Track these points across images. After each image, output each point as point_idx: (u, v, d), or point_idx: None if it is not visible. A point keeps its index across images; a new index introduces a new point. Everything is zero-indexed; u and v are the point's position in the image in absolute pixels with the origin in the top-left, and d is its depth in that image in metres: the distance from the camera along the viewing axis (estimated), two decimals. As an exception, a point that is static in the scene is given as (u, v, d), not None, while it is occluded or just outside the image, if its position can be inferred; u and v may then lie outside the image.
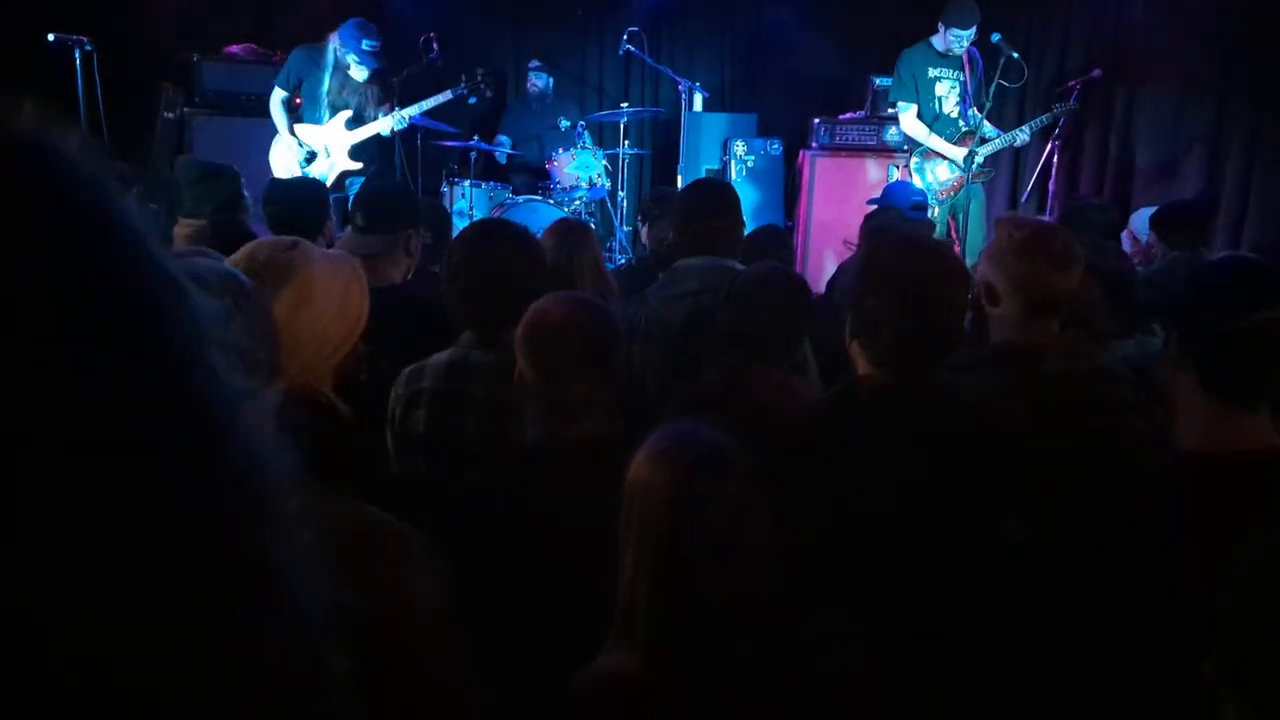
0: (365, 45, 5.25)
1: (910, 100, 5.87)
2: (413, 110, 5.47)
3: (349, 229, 3.07)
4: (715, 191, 3.10)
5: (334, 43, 5.30)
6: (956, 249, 5.44)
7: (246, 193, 3.77)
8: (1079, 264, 2.07)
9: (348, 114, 5.37)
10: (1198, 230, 3.92)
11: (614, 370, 1.86)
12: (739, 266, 2.85)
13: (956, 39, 5.72)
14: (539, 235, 3.09)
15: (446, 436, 2.22)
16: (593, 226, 6.84)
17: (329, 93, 5.34)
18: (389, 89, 5.51)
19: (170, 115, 5.98)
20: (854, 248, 3.78)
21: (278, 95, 5.41)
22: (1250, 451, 1.61)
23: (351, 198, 5.30)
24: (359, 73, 5.33)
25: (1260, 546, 1.45)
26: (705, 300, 2.74)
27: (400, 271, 3.05)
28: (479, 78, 5.68)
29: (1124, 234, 4.68)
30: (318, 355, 1.60)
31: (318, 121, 5.38)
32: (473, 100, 5.75)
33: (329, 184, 5.37)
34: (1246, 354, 1.60)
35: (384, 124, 5.40)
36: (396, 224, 2.98)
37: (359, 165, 5.46)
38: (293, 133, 5.37)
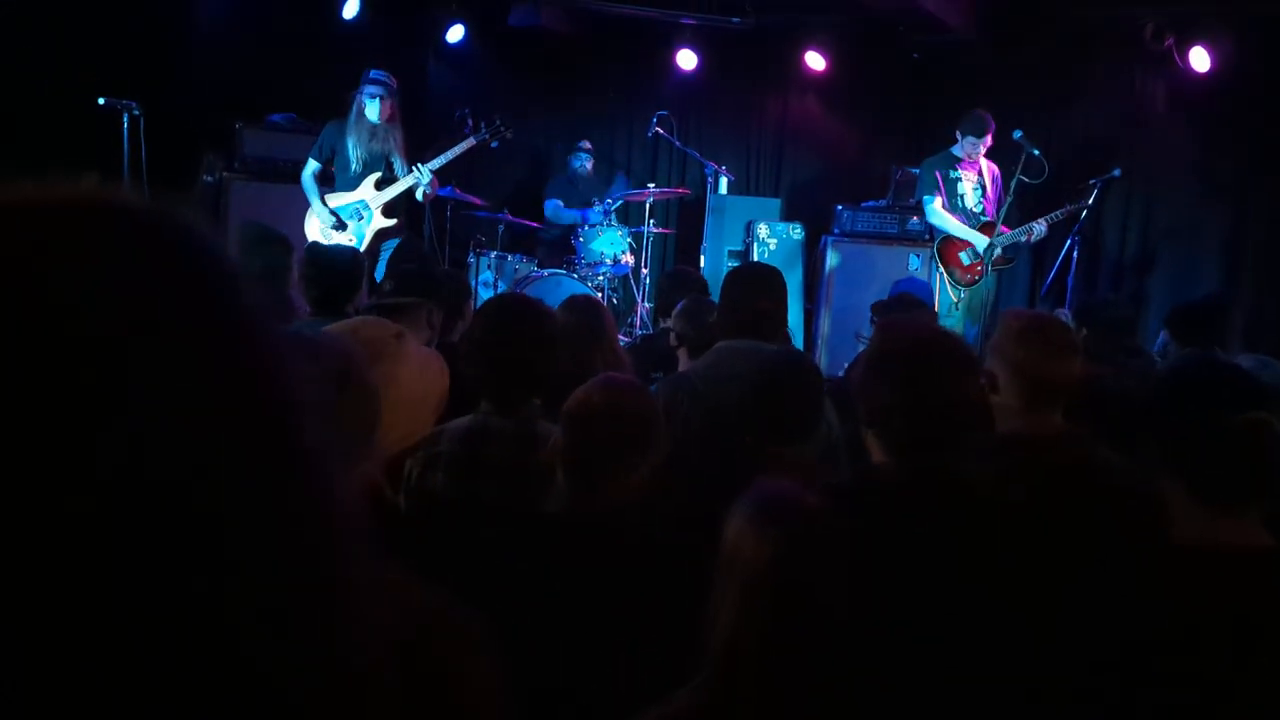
0: (373, 74, 5.47)
1: (934, 194, 6.03)
2: (436, 162, 5.60)
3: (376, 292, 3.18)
4: (762, 274, 3.17)
5: (355, 101, 5.52)
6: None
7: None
8: (1076, 353, 2.12)
9: (377, 175, 5.53)
10: (1209, 329, 3.94)
11: (650, 455, 1.91)
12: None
13: (972, 145, 5.91)
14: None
15: (464, 500, 2.26)
16: (615, 303, 6.98)
17: (358, 145, 5.50)
18: (407, 137, 5.67)
19: (210, 179, 6.15)
20: (865, 340, 3.85)
21: (310, 168, 5.60)
22: (1240, 549, 1.64)
23: (384, 261, 5.44)
24: (372, 109, 5.48)
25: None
26: (752, 384, 2.78)
27: (421, 339, 3.14)
28: (497, 123, 5.84)
29: (1163, 332, 4.70)
30: (389, 437, 1.66)
31: (350, 179, 5.54)
32: (495, 145, 5.90)
33: (365, 243, 5.51)
34: (1226, 459, 1.63)
35: (409, 180, 5.53)
36: (421, 294, 3.08)
37: (394, 221, 5.59)
38: (323, 203, 5.53)
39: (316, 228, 5.57)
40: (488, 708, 1.14)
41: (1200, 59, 6.23)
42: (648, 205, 7.20)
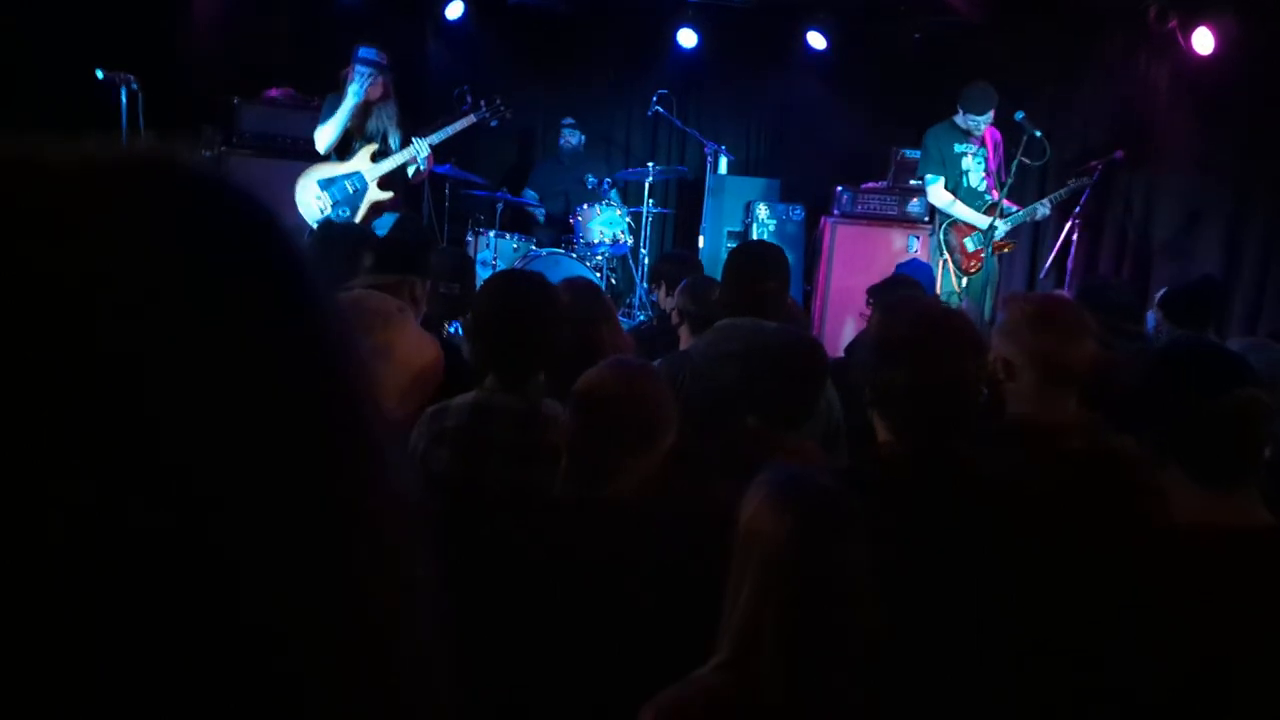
0: (361, 53, 5.40)
1: (938, 173, 5.97)
2: (435, 137, 5.55)
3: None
4: (766, 254, 3.17)
5: (345, 80, 5.44)
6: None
7: None
8: (1091, 336, 2.11)
9: (373, 147, 5.48)
10: (1202, 311, 3.95)
11: (662, 440, 1.90)
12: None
13: (974, 123, 5.85)
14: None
15: (468, 477, 2.25)
16: (614, 282, 6.96)
17: (351, 119, 5.46)
18: (402, 110, 5.62)
19: (207, 154, 6.11)
20: (868, 319, 3.86)
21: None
22: (1239, 528, 1.65)
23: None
24: (359, 88, 5.38)
25: None
26: (753, 362, 2.77)
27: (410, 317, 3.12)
28: (497, 102, 5.81)
29: (1150, 312, 4.71)
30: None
31: (346, 152, 5.51)
32: (494, 124, 5.86)
33: (360, 216, 5.46)
34: (1222, 439, 1.65)
35: (406, 154, 5.48)
36: (400, 269, 3.07)
37: (390, 195, 5.54)
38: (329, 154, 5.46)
39: (308, 196, 5.48)
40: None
41: (1203, 41, 6.20)
42: (647, 185, 7.18)
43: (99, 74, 4.88)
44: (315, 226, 3.56)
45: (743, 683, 1.41)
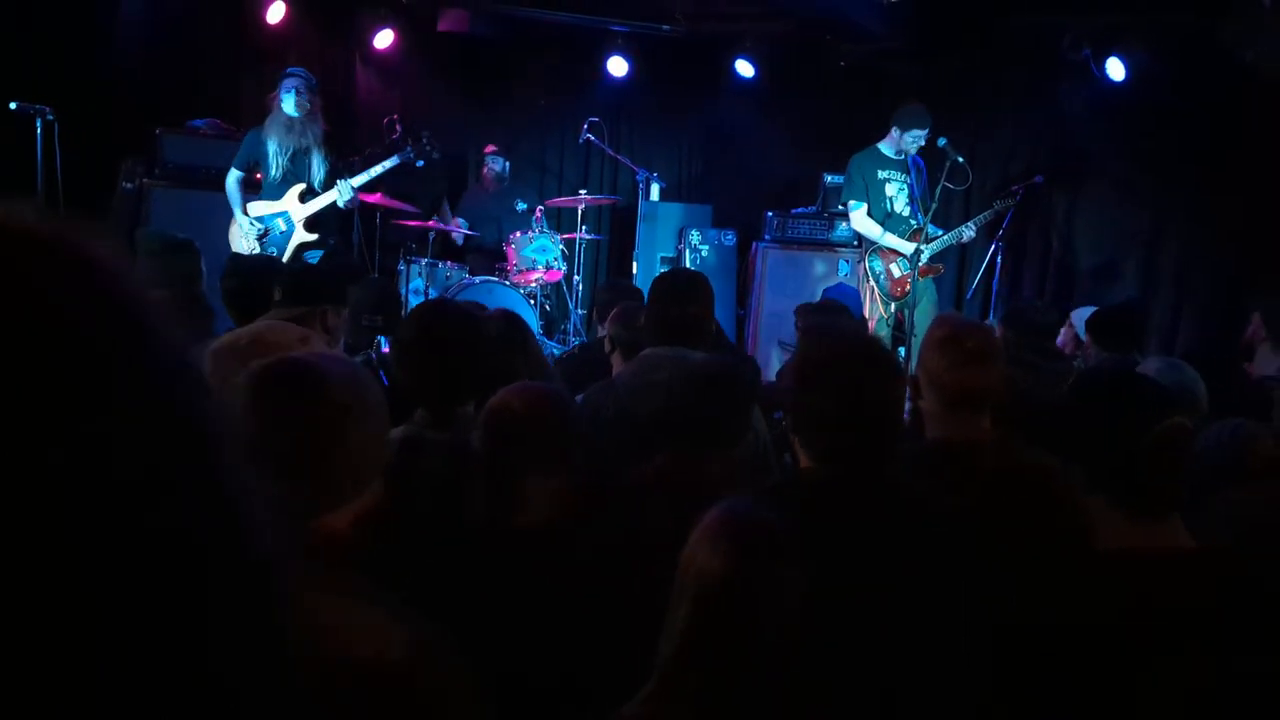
0: (289, 70, 5.46)
1: (861, 199, 6.07)
2: (359, 179, 5.54)
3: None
4: (689, 281, 3.17)
5: (273, 103, 5.48)
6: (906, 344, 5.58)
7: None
8: (994, 362, 2.14)
9: (301, 187, 5.45)
10: (1127, 334, 4.06)
11: (571, 464, 1.90)
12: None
13: (914, 139, 5.94)
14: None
15: (399, 513, 2.22)
16: (548, 309, 6.95)
17: (278, 145, 5.44)
18: (330, 139, 5.60)
19: (129, 186, 5.99)
20: (791, 349, 3.90)
21: (233, 176, 5.54)
22: (1160, 551, 1.68)
23: None
24: (289, 102, 5.42)
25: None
26: (676, 389, 2.78)
27: (319, 346, 3.08)
28: (424, 141, 5.79)
29: (1062, 328, 4.84)
30: None
31: (272, 184, 5.48)
32: (420, 164, 5.85)
33: (287, 255, 5.43)
34: (1147, 471, 1.69)
35: (332, 194, 5.47)
36: (311, 299, 3.03)
37: (315, 237, 5.51)
38: (245, 212, 5.46)
39: (238, 237, 5.48)
40: None
41: (1116, 69, 6.42)
42: (580, 212, 7.19)
43: (12, 106, 4.76)
44: (226, 263, 3.54)
45: (668, 715, 1.39)
